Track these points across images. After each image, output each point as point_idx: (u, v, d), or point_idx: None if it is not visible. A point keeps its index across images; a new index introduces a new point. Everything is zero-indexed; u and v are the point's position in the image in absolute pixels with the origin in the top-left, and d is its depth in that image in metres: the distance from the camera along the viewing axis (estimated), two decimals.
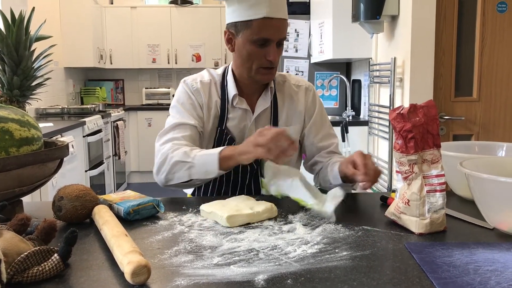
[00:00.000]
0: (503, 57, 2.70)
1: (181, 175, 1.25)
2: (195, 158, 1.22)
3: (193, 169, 1.22)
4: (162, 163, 1.28)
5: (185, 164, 1.23)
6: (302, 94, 1.49)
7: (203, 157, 1.22)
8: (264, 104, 1.43)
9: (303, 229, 0.96)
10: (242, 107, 1.41)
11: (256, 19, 1.28)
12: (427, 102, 1.00)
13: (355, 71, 3.84)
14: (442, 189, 0.99)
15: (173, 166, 1.25)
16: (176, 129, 1.36)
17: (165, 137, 1.35)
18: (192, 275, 0.74)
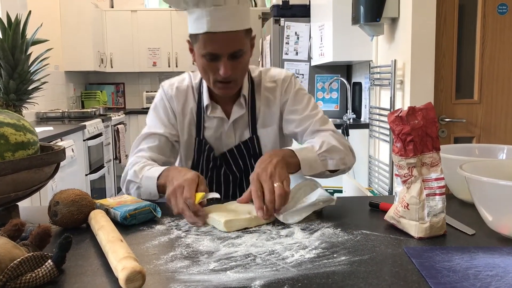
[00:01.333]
0: (504, 59, 2.69)
1: (133, 194, 1.25)
2: (142, 179, 1.22)
3: (141, 190, 1.23)
4: (123, 177, 1.30)
5: (134, 184, 1.24)
6: (278, 90, 1.41)
7: (146, 180, 1.21)
8: (239, 111, 1.39)
9: (301, 234, 0.95)
10: (217, 115, 1.38)
11: (201, 33, 1.21)
12: (426, 105, 0.99)
13: (356, 73, 3.83)
14: (441, 192, 0.98)
15: (127, 184, 1.27)
16: (146, 139, 1.36)
17: (135, 148, 1.37)
18: (188, 281, 0.73)
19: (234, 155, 1.40)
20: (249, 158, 1.41)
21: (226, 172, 1.42)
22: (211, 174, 1.42)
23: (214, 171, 1.42)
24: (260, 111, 1.41)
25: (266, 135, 1.42)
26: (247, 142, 1.40)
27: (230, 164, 1.41)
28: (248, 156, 1.41)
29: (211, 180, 1.43)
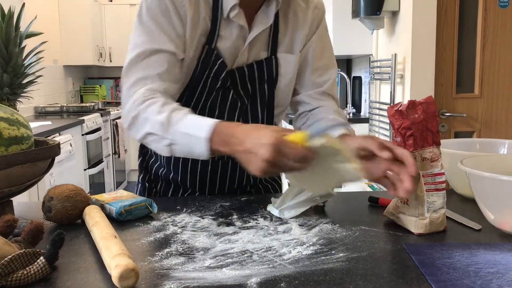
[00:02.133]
0: (506, 53, 2.67)
1: (159, 150, 1.01)
2: (176, 134, 0.95)
3: (175, 147, 0.97)
4: (133, 120, 1.02)
5: (162, 140, 0.98)
6: (310, 15, 1.19)
7: (186, 138, 0.94)
8: (265, 21, 1.12)
9: (299, 230, 0.94)
10: (240, 22, 1.10)
11: None
12: (427, 99, 0.97)
13: (356, 67, 3.81)
14: (442, 188, 0.96)
15: (146, 136, 1.00)
16: (149, 61, 1.04)
17: (134, 75, 1.04)
18: (183, 278, 0.72)
19: (243, 74, 1.14)
20: (260, 83, 1.16)
21: (234, 96, 1.14)
22: (215, 97, 1.14)
23: (219, 92, 1.13)
24: (287, 30, 1.17)
25: (286, 62, 1.17)
26: (262, 62, 1.15)
27: (236, 86, 1.14)
28: (259, 80, 1.16)
29: (213, 106, 1.14)
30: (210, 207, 1.09)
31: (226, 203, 1.12)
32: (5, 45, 1.11)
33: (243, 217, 1.02)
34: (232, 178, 1.24)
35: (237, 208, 1.08)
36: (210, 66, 1.10)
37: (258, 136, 0.85)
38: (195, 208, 1.09)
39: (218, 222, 0.98)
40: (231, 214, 1.04)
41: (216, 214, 1.04)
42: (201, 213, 1.05)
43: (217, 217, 1.02)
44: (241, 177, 1.25)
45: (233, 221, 0.99)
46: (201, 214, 1.04)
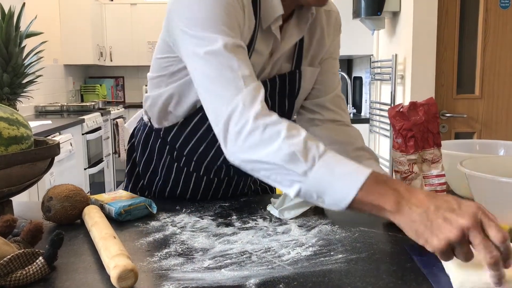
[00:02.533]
0: (506, 54, 2.67)
1: (272, 178, 0.80)
2: (311, 174, 0.75)
3: (303, 187, 0.77)
4: (241, 127, 0.80)
5: (289, 173, 0.77)
6: (332, 26, 1.12)
7: (326, 180, 0.75)
8: (297, 32, 1.03)
9: (298, 231, 0.94)
10: (277, 34, 1.00)
11: None
12: (428, 100, 0.97)
13: (356, 68, 3.81)
14: (442, 189, 0.97)
15: (268, 164, 0.78)
16: (240, 55, 0.87)
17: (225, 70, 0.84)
18: (181, 279, 0.72)
19: (265, 89, 0.95)
20: (280, 97, 1.08)
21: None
22: None
23: None
24: (310, 43, 1.09)
25: (308, 75, 1.11)
26: (285, 76, 1.07)
27: None
28: (280, 94, 1.07)
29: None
30: (209, 207, 1.09)
31: (226, 204, 1.12)
32: (5, 45, 1.11)
33: (243, 218, 1.02)
34: (235, 191, 1.21)
35: (237, 209, 1.08)
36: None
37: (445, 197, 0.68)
38: (195, 208, 1.09)
39: (217, 223, 0.98)
40: (231, 214, 1.04)
41: (215, 214, 1.04)
42: (201, 214, 1.05)
43: (217, 217, 1.02)
44: (243, 188, 1.23)
45: (233, 222, 0.99)
46: (200, 214, 1.04)
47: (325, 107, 1.15)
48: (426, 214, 0.66)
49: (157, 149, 1.15)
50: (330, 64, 1.16)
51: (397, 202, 0.69)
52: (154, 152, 1.15)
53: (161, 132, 1.12)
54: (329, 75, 1.16)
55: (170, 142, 1.12)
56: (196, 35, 0.88)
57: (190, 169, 1.13)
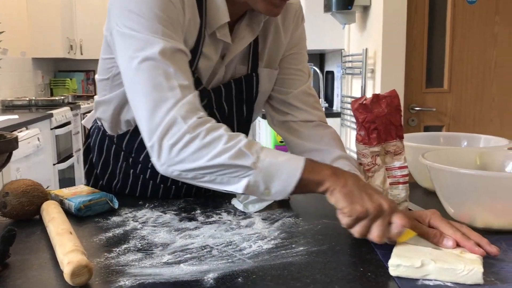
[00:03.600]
0: (474, 48, 2.71)
1: (217, 180, 0.80)
2: (259, 164, 0.78)
3: (251, 179, 0.78)
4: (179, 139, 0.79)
5: (237, 170, 0.78)
6: (291, 21, 1.07)
7: (273, 167, 0.78)
8: (249, 34, 1.00)
9: (261, 224, 0.93)
10: (226, 39, 0.97)
11: None
12: (390, 92, 0.97)
13: (328, 62, 3.82)
14: (405, 181, 0.97)
15: (214, 167, 0.79)
16: (177, 61, 0.84)
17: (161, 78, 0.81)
18: (138, 274, 0.70)
19: (219, 95, 1.02)
20: (238, 102, 1.06)
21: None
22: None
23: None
24: (265, 43, 1.06)
25: (266, 78, 1.07)
26: (241, 80, 1.04)
27: (212, 108, 1.01)
28: (237, 99, 1.05)
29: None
30: (173, 202, 1.08)
31: (190, 198, 1.11)
32: None
33: (207, 212, 1.00)
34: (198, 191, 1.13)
35: (201, 203, 1.07)
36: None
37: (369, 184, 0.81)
38: (158, 203, 1.07)
39: (180, 218, 0.97)
40: (195, 209, 1.03)
41: (179, 209, 1.03)
42: (164, 208, 1.03)
43: (180, 212, 1.01)
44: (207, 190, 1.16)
45: (196, 216, 0.98)
46: (163, 209, 1.02)
47: (293, 106, 1.09)
48: (358, 186, 0.78)
49: (113, 154, 1.10)
50: (293, 60, 1.11)
51: (334, 173, 0.79)
52: (110, 156, 1.11)
53: (114, 139, 1.08)
54: (292, 71, 1.10)
55: (125, 149, 1.08)
56: (131, 37, 0.84)
57: (147, 176, 1.09)
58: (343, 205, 0.76)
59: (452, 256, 0.69)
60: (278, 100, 1.11)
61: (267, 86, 1.09)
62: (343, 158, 1.00)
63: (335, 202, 0.78)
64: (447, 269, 0.66)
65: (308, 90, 1.11)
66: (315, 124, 1.09)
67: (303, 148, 1.05)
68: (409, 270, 0.67)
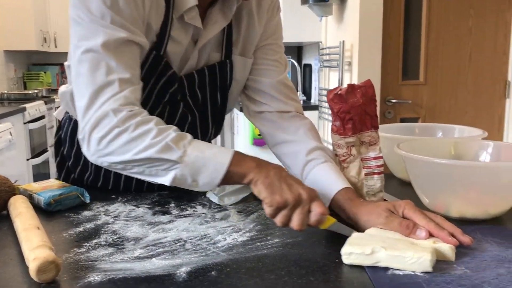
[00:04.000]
0: (449, 41, 2.74)
1: (146, 172, 0.81)
2: (185, 158, 0.78)
3: (178, 172, 0.79)
4: (108, 131, 0.80)
5: (164, 163, 0.79)
6: (265, 10, 1.06)
7: (200, 161, 0.79)
8: (222, 20, 0.98)
9: (237, 216, 0.92)
10: (196, 23, 0.95)
11: None
12: (365, 82, 0.97)
13: (306, 55, 3.82)
14: (380, 171, 0.97)
15: (141, 160, 0.80)
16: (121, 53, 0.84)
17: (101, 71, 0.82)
18: (109, 269, 0.68)
19: (192, 82, 1.01)
20: (212, 90, 1.05)
21: (183, 109, 1.02)
22: (161, 111, 1.00)
23: (167, 106, 1.01)
24: (239, 31, 1.04)
25: (241, 66, 1.06)
26: (214, 67, 1.03)
27: (185, 95, 1.02)
28: (211, 87, 1.04)
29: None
30: (147, 196, 1.05)
31: (165, 192, 1.09)
32: None
33: (181, 205, 0.99)
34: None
35: (176, 197, 1.05)
36: (157, 76, 0.95)
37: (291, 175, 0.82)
38: (131, 197, 1.04)
39: (153, 211, 0.95)
40: (169, 202, 1.01)
41: (152, 203, 1.01)
42: (137, 202, 1.01)
43: (154, 206, 0.99)
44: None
45: (170, 210, 0.96)
46: (136, 203, 1.00)
47: (269, 96, 1.07)
48: (279, 177, 0.78)
49: None
50: (269, 51, 1.09)
51: (258, 165, 0.80)
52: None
53: None
54: (269, 62, 1.09)
55: None
56: (78, 25, 0.84)
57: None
58: (264, 195, 0.77)
59: (404, 244, 0.69)
60: (254, 90, 1.09)
61: (241, 75, 1.08)
62: (319, 149, 0.99)
63: (257, 193, 0.79)
64: (396, 256, 0.67)
65: (285, 81, 1.10)
66: (292, 115, 1.08)
67: (279, 139, 1.04)
68: (360, 257, 0.68)
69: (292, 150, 1.01)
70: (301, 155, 0.97)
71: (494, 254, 0.72)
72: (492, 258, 0.71)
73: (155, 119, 0.84)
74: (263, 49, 1.09)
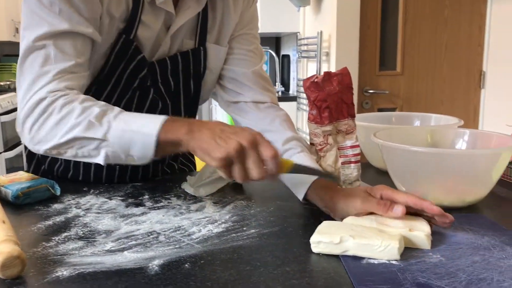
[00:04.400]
0: (425, 31, 2.76)
1: (79, 154, 0.80)
2: (110, 134, 0.77)
3: (108, 150, 0.78)
4: (37, 118, 0.81)
5: (91, 142, 0.78)
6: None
7: (126, 135, 0.76)
8: (195, 5, 0.97)
9: (212, 208, 0.90)
10: (167, 8, 0.94)
11: None
12: (342, 70, 0.95)
13: (284, 46, 3.80)
14: (357, 160, 0.96)
15: (69, 142, 0.79)
16: (57, 46, 0.82)
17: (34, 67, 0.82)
18: (78, 264, 0.66)
19: (165, 68, 0.98)
20: (185, 78, 1.03)
21: (154, 95, 0.99)
22: (130, 97, 0.98)
23: (136, 92, 0.98)
24: (214, 18, 1.02)
25: (215, 54, 1.04)
26: (188, 54, 1.01)
27: (156, 82, 0.99)
28: (184, 74, 1.02)
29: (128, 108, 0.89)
30: (120, 188, 1.03)
31: (139, 183, 1.06)
32: None
33: (155, 197, 0.96)
34: (146, 174, 1.09)
35: (150, 188, 1.02)
36: (127, 61, 0.93)
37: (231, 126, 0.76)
38: (104, 189, 1.02)
39: (126, 203, 0.92)
40: (143, 194, 0.98)
41: (126, 194, 0.98)
42: (110, 194, 0.98)
43: (127, 198, 0.96)
44: (156, 171, 1.12)
45: (144, 202, 0.93)
46: (109, 195, 0.97)
47: (244, 85, 1.06)
48: (212, 134, 0.73)
49: None
50: (244, 41, 1.08)
51: (190, 130, 0.75)
52: None
53: None
54: (244, 52, 1.07)
55: None
56: (24, 14, 0.84)
57: None
58: (205, 158, 0.73)
59: (372, 232, 0.69)
60: (229, 80, 1.08)
61: (215, 63, 1.06)
62: (295, 139, 0.98)
63: (200, 159, 0.75)
64: (364, 244, 0.66)
65: (260, 72, 1.10)
66: (267, 105, 1.08)
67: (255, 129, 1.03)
68: (329, 246, 0.67)
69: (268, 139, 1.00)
70: (277, 145, 0.96)
71: (470, 241, 0.72)
72: (467, 246, 0.70)
73: (81, 97, 0.82)
74: (238, 38, 1.08)
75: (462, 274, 0.61)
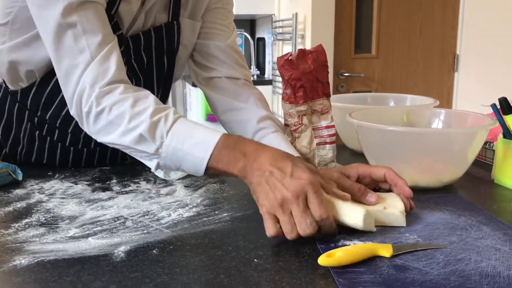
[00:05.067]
0: (400, 15, 2.75)
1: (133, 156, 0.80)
2: (163, 149, 0.74)
3: (160, 161, 0.76)
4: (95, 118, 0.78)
5: (143, 153, 0.76)
6: None
7: (179, 153, 0.73)
8: None
9: (183, 191, 0.86)
10: None
11: None
12: (316, 47, 0.92)
13: (260, 29, 3.75)
14: (332, 141, 0.94)
15: (122, 146, 0.78)
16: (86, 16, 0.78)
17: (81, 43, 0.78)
18: (38, 251, 0.62)
19: (138, 43, 0.95)
20: (158, 53, 1.00)
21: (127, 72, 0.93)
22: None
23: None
24: None
25: (189, 29, 1.02)
26: (161, 28, 0.98)
27: (129, 58, 0.95)
28: (157, 50, 0.99)
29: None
30: (87, 172, 0.98)
31: (107, 167, 1.02)
32: None
33: (124, 181, 0.92)
34: (114, 158, 1.06)
35: (118, 172, 0.98)
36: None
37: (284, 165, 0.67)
38: (70, 173, 0.97)
39: (93, 188, 0.88)
40: (110, 178, 0.94)
41: (93, 179, 0.94)
42: (75, 179, 0.94)
43: (93, 182, 0.92)
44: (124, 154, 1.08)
45: (111, 186, 0.90)
46: (75, 179, 0.93)
47: (218, 60, 1.03)
48: (260, 178, 0.66)
49: (16, 115, 0.99)
50: (219, 15, 1.05)
51: (243, 167, 0.70)
52: (13, 118, 0.99)
53: (18, 95, 0.96)
54: (217, 26, 1.05)
55: (29, 107, 0.96)
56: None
57: (54, 138, 0.98)
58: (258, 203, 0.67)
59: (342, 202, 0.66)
60: (202, 54, 1.05)
61: (189, 38, 1.03)
62: (269, 118, 0.96)
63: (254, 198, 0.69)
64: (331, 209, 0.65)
65: (233, 45, 1.07)
66: (242, 83, 1.05)
67: (229, 106, 1.00)
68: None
69: (242, 117, 0.97)
70: (252, 123, 0.93)
71: (447, 222, 0.71)
72: (444, 226, 0.69)
73: (130, 98, 0.77)
74: (212, 12, 1.05)
75: (439, 255, 0.60)
